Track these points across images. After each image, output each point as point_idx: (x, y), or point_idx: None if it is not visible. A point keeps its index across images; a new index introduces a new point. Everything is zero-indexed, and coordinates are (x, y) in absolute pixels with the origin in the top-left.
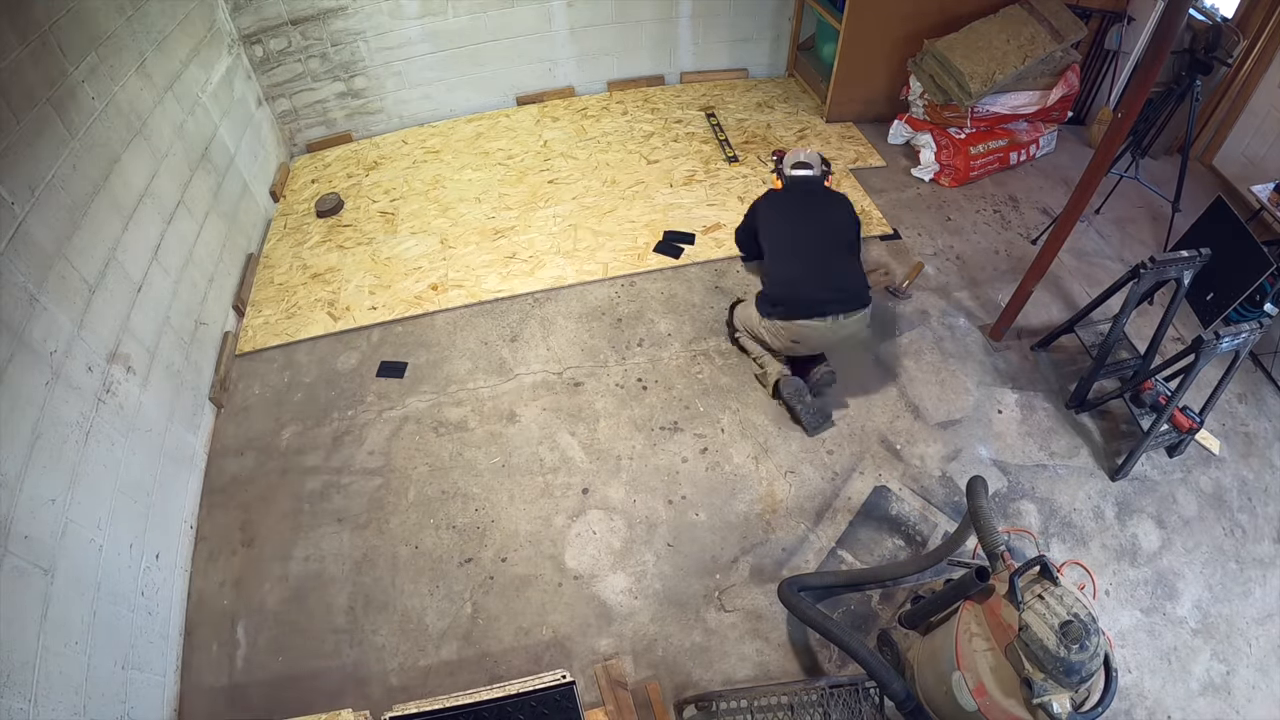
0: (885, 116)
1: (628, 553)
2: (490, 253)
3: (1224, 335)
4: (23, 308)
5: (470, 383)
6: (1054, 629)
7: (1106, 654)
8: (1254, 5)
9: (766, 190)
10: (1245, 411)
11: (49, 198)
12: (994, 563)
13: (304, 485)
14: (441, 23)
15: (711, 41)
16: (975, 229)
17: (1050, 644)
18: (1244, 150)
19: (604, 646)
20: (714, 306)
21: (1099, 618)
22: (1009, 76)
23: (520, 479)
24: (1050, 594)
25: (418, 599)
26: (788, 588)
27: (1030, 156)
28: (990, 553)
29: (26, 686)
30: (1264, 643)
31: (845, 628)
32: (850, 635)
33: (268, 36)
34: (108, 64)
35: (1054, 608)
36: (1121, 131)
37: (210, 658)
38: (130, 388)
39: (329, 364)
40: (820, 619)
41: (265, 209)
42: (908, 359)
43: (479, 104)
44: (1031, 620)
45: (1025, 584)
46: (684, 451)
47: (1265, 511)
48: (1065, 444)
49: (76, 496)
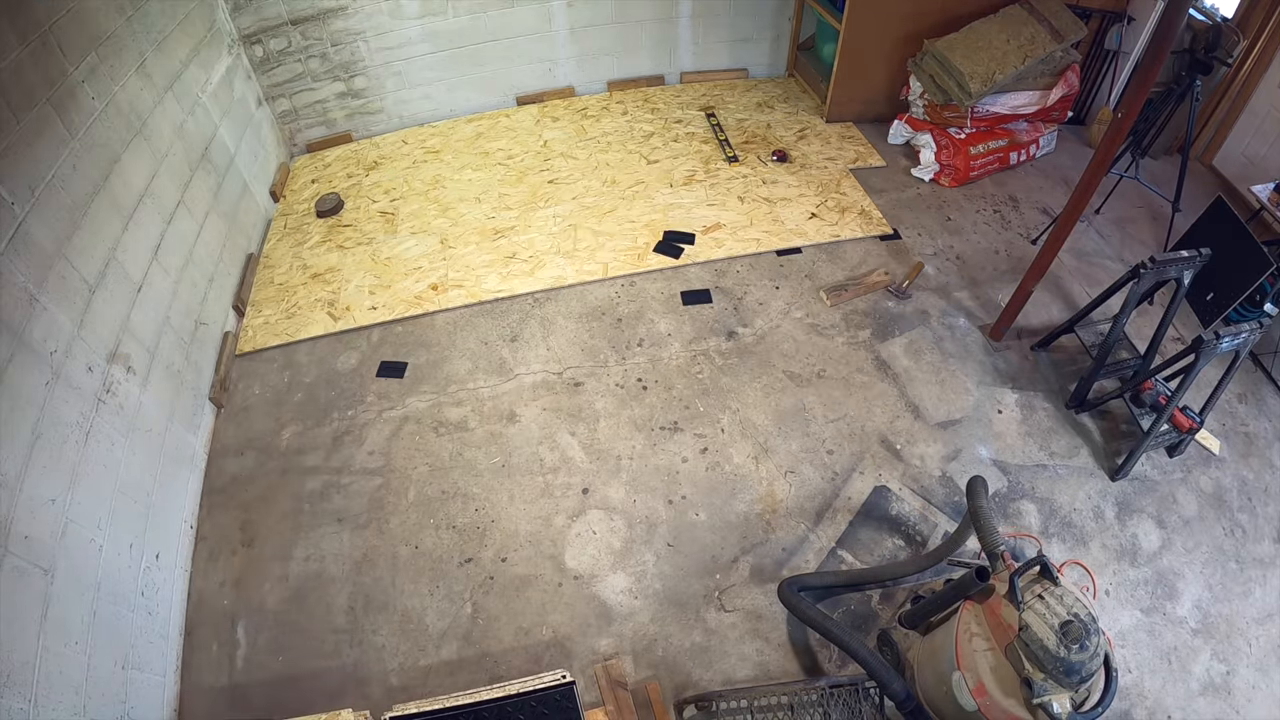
0: (885, 116)
1: (628, 553)
2: (490, 253)
3: (1224, 335)
4: (23, 308)
5: (470, 383)
6: (1054, 629)
7: (1106, 654)
8: (1254, 5)
9: None
10: (1245, 411)
11: (49, 198)
12: (994, 563)
13: (304, 485)
14: (441, 23)
15: (711, 41)
16: (975, 229)
17: (1050, 644)
18: (1244, 150)
19: (604, 646)
20: (714, 307)
21: (1099, 618)
22: (1009, 76)
23: (520, 479)
24: (1050, 594)
25: (418, 599)
26: (788, 588)
27: (1030, 156)
28: (990, 553)
29: (26, 686)
30: (1264, 643)
31: (845, 628)
32: (850, 635)
33: (268, 36)
34: (108, 64)
35: (1054, 608)
36: (1121, 131)
37: (210, 658)
38: (130, 388)
39: (329, 364)
40: (820, 619)
41: (265, 209)
42: (908, 359)
43: (479, 104)
44: (1032, 620)
45: (1025, 584)
46: (684, 451)
47: (1265, 511)
48: (1065, 444)
49: (76, 496)
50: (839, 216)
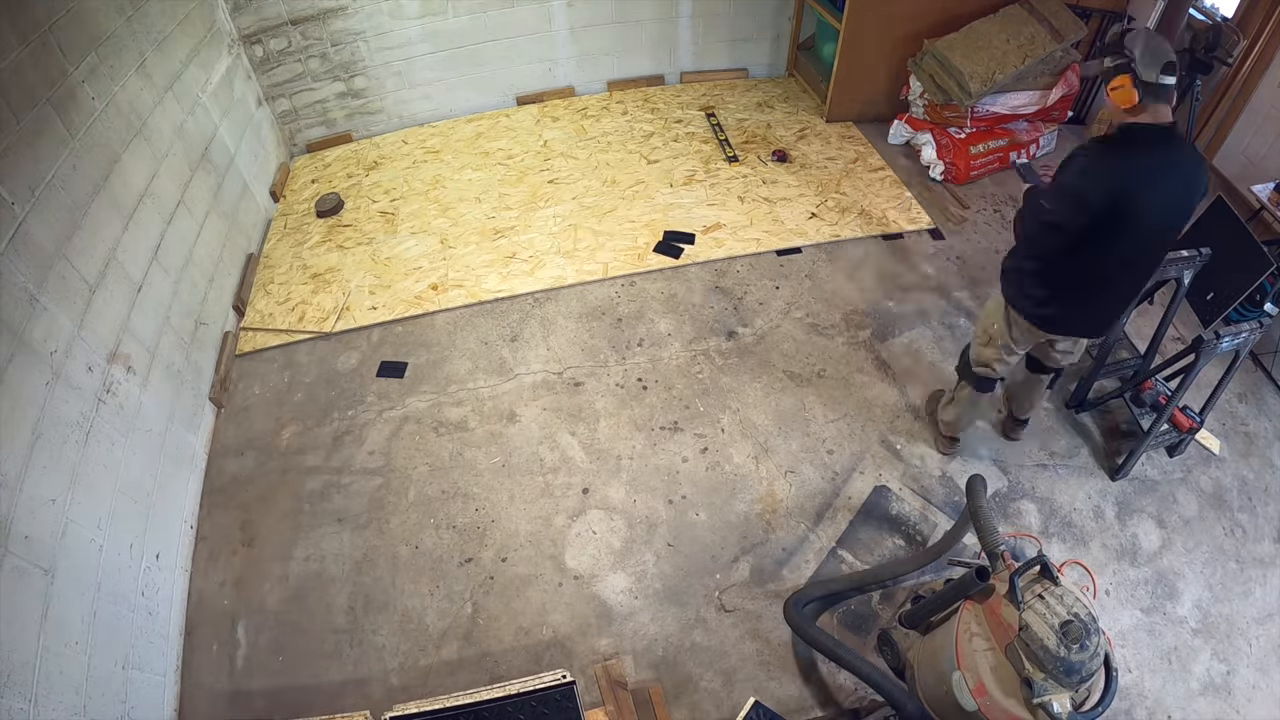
0: (885, 116)
1: (628, 552)
2: (490, 253)
3: (1224, 335)
4: (23, 308)
5: (470, 383)
6: (1054, 629)
7: (1107, 653)
8: (1254, 5)
9: (1097, 137)
10: (1245, 411)
11: (49, 198)
12: (994, 563)
13: (304, 485)
14: (441, 23)
15: (711, 41)
16: (975, 229)
17: (1050, 644)
18: (1244, 150)
19: (604, 646)
20: (714, 306)
21: (1099, 617)
22: (1009, 76)
23: (520, 479)
24: (1050, 594)
25: (418, 599)
26: (794, 608)
27: (1030, 156)
28: (990, 552)
29: (26, 686)
30: (1264, 642)
31: (855, 652)
32: (860, 659)
33: (268, 36)
34: (108, 64)
35: (1054, 607)
36: None
37: (210, 658)
38: (130, 388)
39: (329, 364)
40: (830, 644)
41: (265, 209)
42: (908, 359)
43: (479, 104)
44: (1032, 620)
45: (1025, 584)
46: (684, 451)
47: (1265, 511)
48: (1065, 444)
49: (76, 496)
50: (839, 216)
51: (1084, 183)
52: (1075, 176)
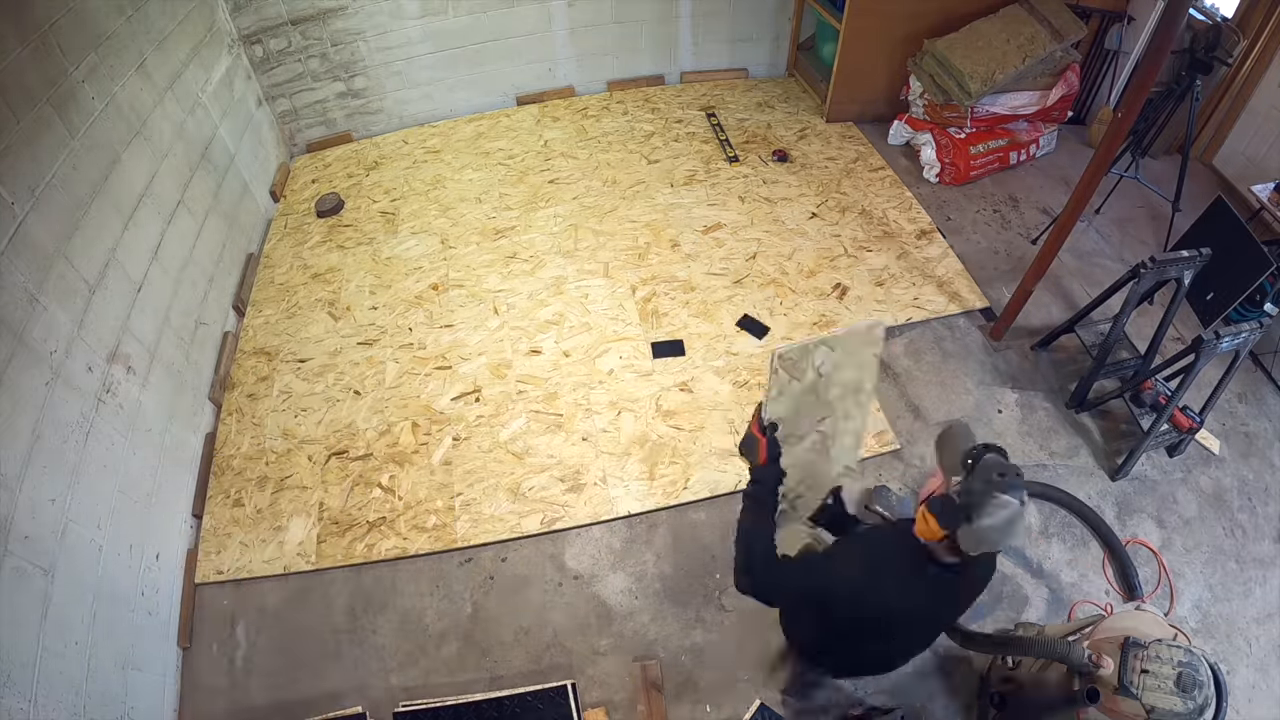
0: (885, 116)
1: (628, 552)
2: (491, 253)
3: (1224, 335)
4: (23, 308)
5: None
6: (1174, 693)
7: (1210, 665)
8: (1254, 5)
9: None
10: (1245, 411)
11: (49, 198)
12: (1090, 672)
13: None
14: (441, 23)
15: (711, 41)
16: (975, 229)
17: (1180, 708)
18: (1244, 150)
19: (604, 646)
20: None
21: (1176, 634)
22: (1009, 76)
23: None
24: (1150, 661)
25: (418, 599)
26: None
27: (1030, 156)
28: (1078, 669)
29: (26, 686)
30: (1264, 643)
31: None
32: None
33: (268, 36)
34: (108, 64)
35: (1162, 672)
36: (1121, 131)
37: (210, 658)
38: (130, 388)
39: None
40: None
41: (265, 209)
42: (908, 359)
43: (479, 104)
44: (1156, 700)
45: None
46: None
47: (1265, 511)
48: (1065, 444)
49: (76, 496)
50: (839, 216)
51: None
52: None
